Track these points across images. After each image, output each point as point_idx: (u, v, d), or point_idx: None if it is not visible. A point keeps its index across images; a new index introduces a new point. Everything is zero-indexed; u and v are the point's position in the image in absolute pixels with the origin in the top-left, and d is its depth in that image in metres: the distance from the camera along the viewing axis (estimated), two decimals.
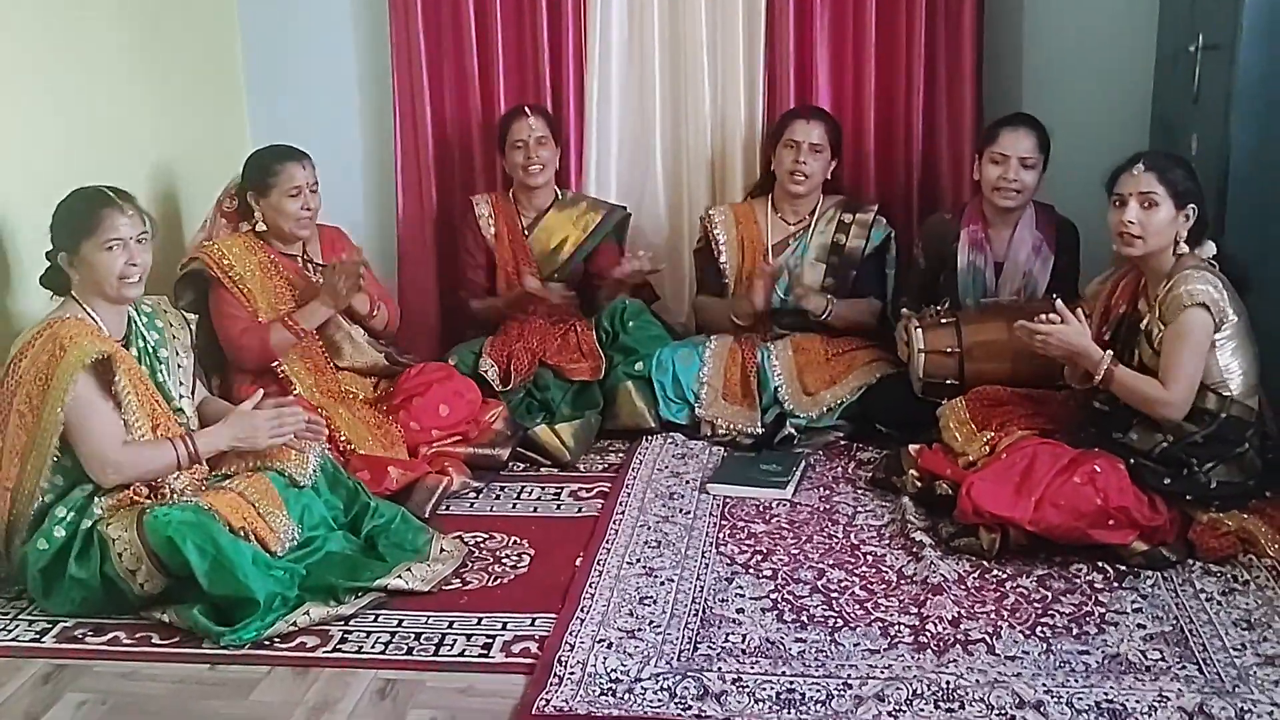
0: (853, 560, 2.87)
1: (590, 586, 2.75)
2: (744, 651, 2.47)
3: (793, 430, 3.59)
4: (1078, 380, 3.07)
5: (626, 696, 2.31)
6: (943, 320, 3.45)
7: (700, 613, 2.64)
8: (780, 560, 2.88)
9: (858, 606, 2.65)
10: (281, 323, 3.36)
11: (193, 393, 2.98)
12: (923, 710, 2.24)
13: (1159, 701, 2.24)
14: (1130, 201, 2.87)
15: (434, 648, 2.54)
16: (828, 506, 3.18)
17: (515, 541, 3.03)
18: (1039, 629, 2.53)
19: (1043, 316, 2.95)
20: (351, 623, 2.64)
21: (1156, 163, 2.89)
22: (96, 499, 2.70)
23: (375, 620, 2.65)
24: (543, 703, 2.29)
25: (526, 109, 3.92)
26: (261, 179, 3.43)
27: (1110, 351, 2.91)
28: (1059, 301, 2.98)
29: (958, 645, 2.47)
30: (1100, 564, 2.77)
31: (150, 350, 2.89)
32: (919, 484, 3.10)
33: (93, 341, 2.68)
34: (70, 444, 2.68)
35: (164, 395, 2.87)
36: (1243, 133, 3.11)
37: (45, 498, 2.69)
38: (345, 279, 3.34)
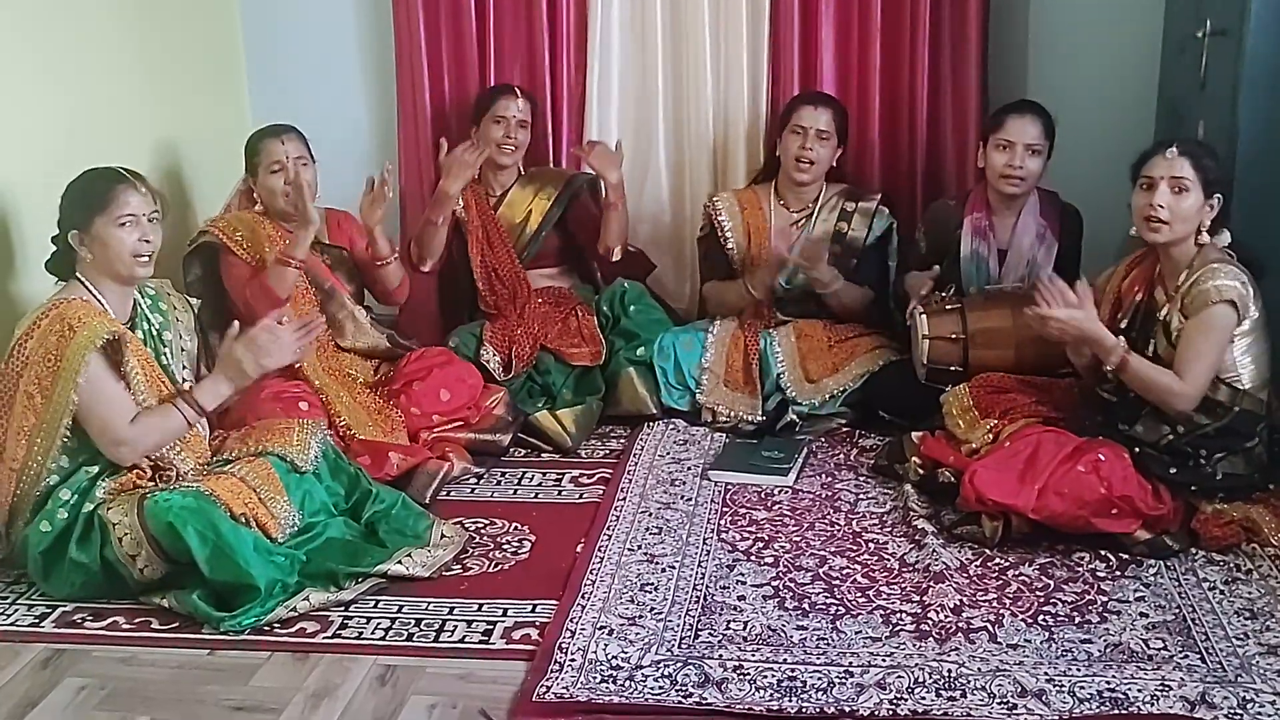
0: (855, 548, 2.87)
1: (591, 573, 2.74)
2: (745, 639, 2.47)
3: (795, 417, 3.57)
4: (1084, 368, 3.05)
5: (627, 683, 2.31)
6: (947, 306, 3.43)
7: (701, 600, 2.63)
8: (782, 547, 2.88)
9: (859, 594, 2.65)
10: (275, 261, 3.26)
11: (197, 378, 2.97)
12: (924, 698, 2.24)
13: (1161, 690, 2.24)
14: (1160, 185, 2.82)
15: (434, 634, 2.54)
16: (830, 494, 3.17)
17: (516, 527, 3.02)
18: (1041, 617, 2.53)
19: (1053, 293, 2.87)
20: (352, 608, 2.63)
21: (1190, 149, 2.85)
22: (100, 482, 2.70)
23: (375, 606, 2.65)
24: (543, 689, 2.29)
25: (517, 89, 3.92)
26: (249, 160, 3.47)
27: (1123, 339, 2.89)
28: (1081, 283, 2.92)
29: (960, 633, 2.47)
30: (1103, 552, 2.76)
31: (155, 334, 2.89)
32: (921, 471, 3.09)
33: (101, 322, 2.68)
34: (82, 424, 2.68)
35: (170, 378, 2.87)
36: (1250, 119, 3.10)
37: (50, 479, 2.70)
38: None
